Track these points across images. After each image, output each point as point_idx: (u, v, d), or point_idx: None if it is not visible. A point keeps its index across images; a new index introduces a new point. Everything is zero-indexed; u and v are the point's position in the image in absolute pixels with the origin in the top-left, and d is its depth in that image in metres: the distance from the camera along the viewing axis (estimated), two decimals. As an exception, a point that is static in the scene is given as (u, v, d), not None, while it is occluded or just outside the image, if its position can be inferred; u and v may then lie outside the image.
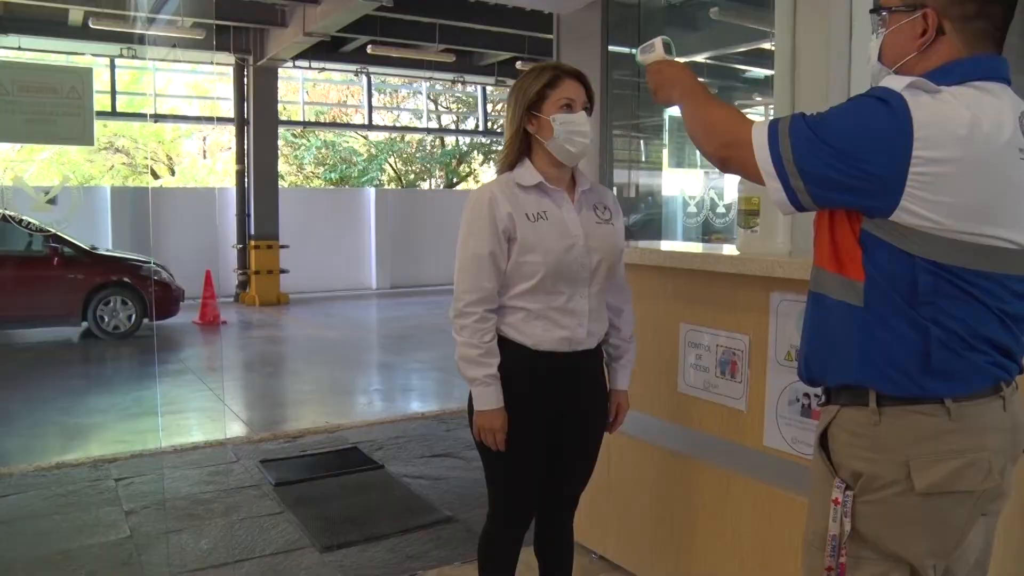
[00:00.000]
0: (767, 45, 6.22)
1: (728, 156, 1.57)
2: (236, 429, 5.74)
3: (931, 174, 1.36)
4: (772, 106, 5.25)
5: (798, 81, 4.87)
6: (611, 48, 5.59)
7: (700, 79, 1.75)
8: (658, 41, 1.84)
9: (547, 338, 2.19)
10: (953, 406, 1.44)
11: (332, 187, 20.91)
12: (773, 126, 1.47)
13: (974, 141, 1.36)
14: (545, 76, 2.18)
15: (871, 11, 1.58)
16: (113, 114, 13.82)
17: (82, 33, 11.10)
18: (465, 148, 22.75)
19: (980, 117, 1.37)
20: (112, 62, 12.99)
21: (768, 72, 6.02)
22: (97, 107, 12.68)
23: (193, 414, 6.27)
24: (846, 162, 1.39)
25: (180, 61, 13.98)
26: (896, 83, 1.41)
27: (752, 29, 7.54)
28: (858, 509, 1.50)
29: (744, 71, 11.25)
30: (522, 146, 2.22)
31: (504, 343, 2.20)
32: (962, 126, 1.36)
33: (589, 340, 2.26)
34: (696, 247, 3.33)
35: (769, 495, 2.49)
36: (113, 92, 13.30)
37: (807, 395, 2.37)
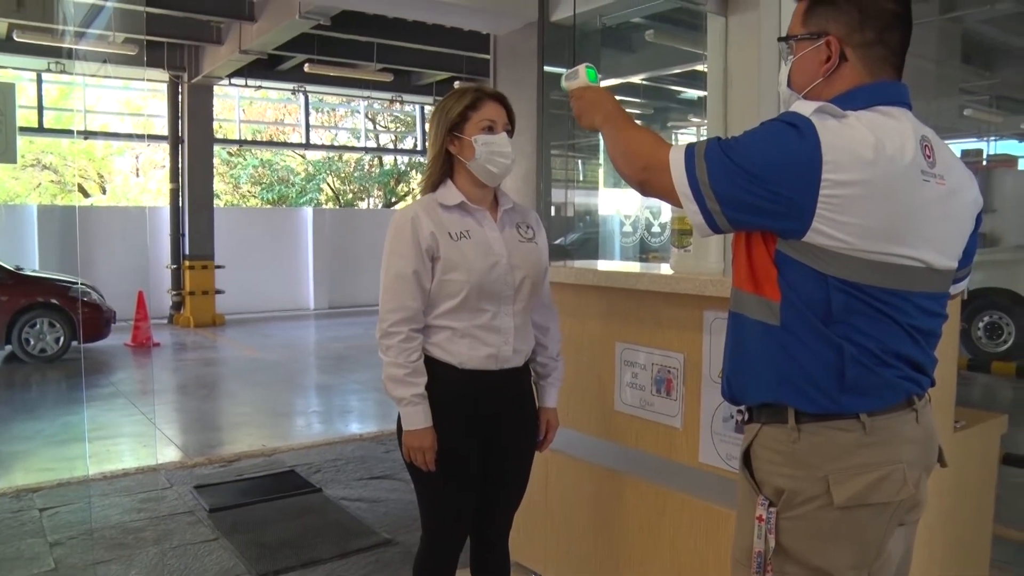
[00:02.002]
0: (700, 67, 6.35)
1: (646, 179, 1.60)
2: (169, 454, 5.59)
3: (840, 196, 1.40)
4: (705, 126, 5.36)
5: (730, 101, 5.00)
6: (547, 68, 5.66)
7: (636, 99, 1.81)
8: (581, 68, 1.87)
9: (473, 356, 2.21)
10: (868, 421, 1.49)
11: (269, 206, 20.63)
12: (690, 150, 1.51)
13: (879, 164, 1.41)
14: (467, 98, 2.23)
15: (779, 39, 1.64)
16: (40, 130, 13.38)
17: (6, 46, 10.76)
18: (403, 167, 22.72)
19: (884, 140, 1.43)
20: (39, 76, 12.63)
21: (702, 93, 6.15)
22: (22, 123, 12.39)
23: (124, 439, 6.09)
24: (759, 185, 1.43)
25: (111, 77, 13.67)
26: (805, 108, 1.45)
27: (686, 51, 7.70)
28: (782, 525, 1.53)
29: (679, 92, 11.49)
30: (445, 167, 2.27)
31: (431, 363, 2.22)
32: (868, 149, 1.41)
33: (516, 358, 2.29)
34: (632, 266, 3.38)
35: (705, 511, 2.52)
36: (40, 108, 12.92)
37: (741, 412, 2.40)
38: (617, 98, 1.85)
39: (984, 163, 11.64)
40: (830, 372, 1.48)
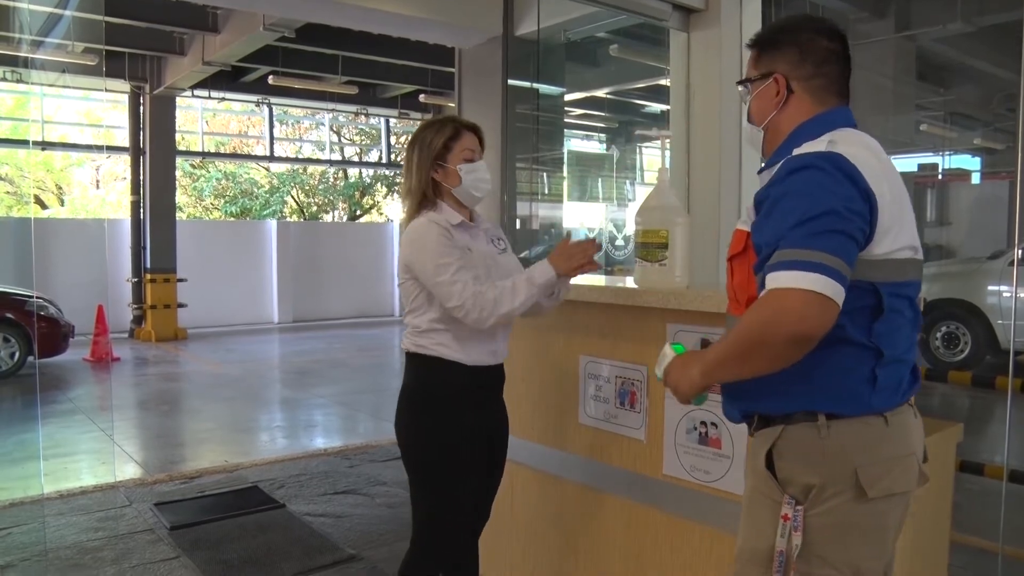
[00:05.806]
0: (664, 81, 6.43)
1: (791, 333, 1.44)
2: (129, 471, 5.49)
3: (880, 206, 1.52)
4: (669, 138, 5.41)
5: (693, 114, 5.07)
6: (511, 82, 5.69)
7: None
8: (667, 348, 1.77)
9: (480, 351, 2.36)
10: (889, 415, 1.58)
11: (232, 219, 20.42)
12: (792, 264, 1.44)
13: (886, 168, 1.58)
14: (447, 130, 2.38)
15: (737, 83, 1.83)
16: (-6, 140, 13.17)
17: (-42, 56, 10.58)
18: (368, 180, 22.60)
19: (876, 150, 1.60)
20: (-7, 87, 12.43)
21: (665, 106, 6.22)
22: (-24, 134, 12.12)
23: (82, 456, 5.96)
24: (848, 223, 1.48)
25: (70, 87, 13.46)
26: (817, 146, 1.56)
27: (650, 66, 7.79)
28: (809, 522, 1.56)
29: (643, 105, 11.61)
30: (430, 192, 2.39)
31: (437, 363, 2.32)
32: (875, 160, 1.56)
33: (503, 353, 2.46)
34: (597, 280, 3.38)
35: (669, 523, 2.53)
36: (-5, 118, 12.71)
37: (704, 423, 2.42)
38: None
39: (940, 177, 11.90)
40: (865, 379, 1.56)
